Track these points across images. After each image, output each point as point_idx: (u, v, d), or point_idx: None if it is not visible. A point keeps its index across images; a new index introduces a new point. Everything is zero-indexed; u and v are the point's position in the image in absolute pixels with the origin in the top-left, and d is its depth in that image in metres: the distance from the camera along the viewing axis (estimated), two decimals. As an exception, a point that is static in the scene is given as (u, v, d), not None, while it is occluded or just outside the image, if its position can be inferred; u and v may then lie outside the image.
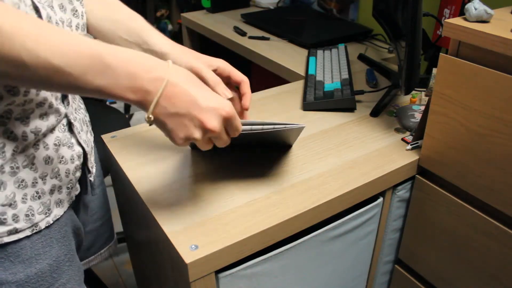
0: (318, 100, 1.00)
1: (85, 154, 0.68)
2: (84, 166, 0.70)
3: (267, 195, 0.73)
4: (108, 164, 0.92)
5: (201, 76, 0.69)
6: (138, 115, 2.18)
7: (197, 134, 0.53)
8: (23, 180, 0.56)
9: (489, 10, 0.68)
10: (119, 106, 2.26)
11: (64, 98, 0.63)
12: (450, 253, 0.86)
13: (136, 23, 0.72)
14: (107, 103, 2.19)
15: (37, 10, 0.54)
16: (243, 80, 0.74)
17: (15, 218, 0.56)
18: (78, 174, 0.66)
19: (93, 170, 0.73)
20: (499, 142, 0.69)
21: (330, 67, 1.15)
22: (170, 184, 0.76)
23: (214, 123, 0.53)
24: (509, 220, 0.74)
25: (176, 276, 0.70)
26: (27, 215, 0.58)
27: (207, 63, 0.72)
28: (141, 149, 0.86)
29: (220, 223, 0.67)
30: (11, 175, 0.55)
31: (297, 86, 1.13)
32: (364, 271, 0.96)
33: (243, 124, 0.64)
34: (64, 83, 0.46)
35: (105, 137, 0.90)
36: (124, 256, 1.64)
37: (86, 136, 0.70)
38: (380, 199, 0.85)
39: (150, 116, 0.51)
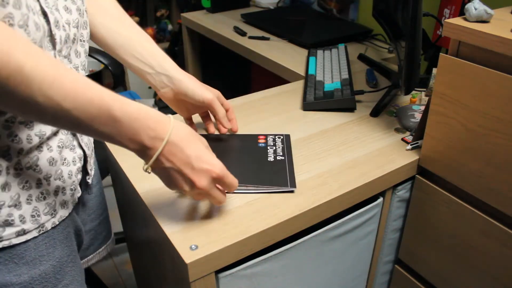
0: (318, 100, 1.00)
1: (85, 156, 0.69)
2: (84, 168, 0.70)
3: (267, 195, 0.73)
4: (108, 164, 0.92)
5: (213, 108, 0.79)
6: (138, 115, 2.18)
7: (187, 188, 0.59)
8: (27, 181, 0.57)
9: (489, 10, 0.68)
10: (119, 106, 2.26)
11: None
12: (450, 253, 0.86)
13: (151, 46, 0.76)
14: (107, 103, 2.19)
15: (45, 14, 0.54)
16: (230, 107, 0.85)
17: (22, 219, 0.57)
18: (79, 176, 0.67)
19: (92, 173, 0.73)
20: (499, 142, 0.69)
21: (330, 67, 1.15)
22: (170, 184, 0.76)
23: (203, 183, 0.58)
24: (509, 220, 0.74)
25: (176, 276, 0.70)
26: (33, 216, 0.58)
27: (216, 94, 0.80)
28: (141, 149, 0.85)
29: (220, 223, 0.67)
30: (15, 176, 0.56)
31: (297, 86, 1.13)
32: (364, 271, 0.96)
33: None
34: (70, 124, 0.49)
35: (105, 137, 0.89)
36: (124, 256, 1.64)
37: (88, 138, 0.71)
38: (380, 199, 0.85)
39: (148, 169, 0.57)
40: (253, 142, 0.87)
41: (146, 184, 0.76)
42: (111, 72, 1.59)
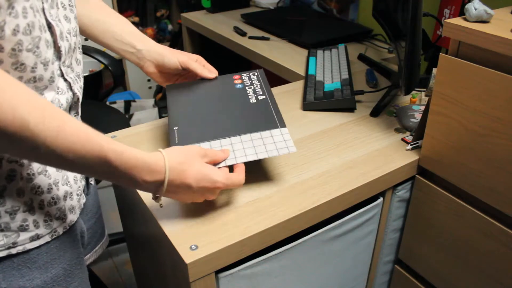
0: (318, 100, 1.00)
1: None
2: None
3: (267, 195, 0.73)
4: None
5: (190, 68, 0.83)
6: (138, 115, 2.18)
7: (199, 201, 0.65)
8: (39, 187, 0.58)
9: (489, 10, 0.68)
10: (119, 106, 2.26)
11: (70, 110, 0.64)
12: (450, 253, 0.86)
13: (129, 27, 0.82)
14: (107, 103, 2.19)
15: (49, 26, 0.55)
16: (206, 62, 0.89)
17: (36, 224, 0.58)
18: (83, 182, 0.69)
19: None
20: (499, 142, 0.69)
21: (330, 67, 1.15)
22: (170, 184, 0.76)
23: (211, 197, 0.65)
24: (509, 220, 0.74)
25: (176, 276, 0.70)
26: (45, 221, 0.59)
27: (189, 57, 0.85)
28: (141, 149, 0.85)
29: (220, 223, 0.67)
30: (28, 182, 0.57)
31: (297, 86, 1.13)
32: (364, 271, 0.96)
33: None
34: (72, 170, 0.52)
35: (105, 137, 0.89)
36: (124, 256, 1.64)
37: None
38: (380, 199, 0.85)
39: (155, 200, 0.62)
40: (230, 84, 0.85)
41: (146, 184, 0.76)
42: (111, 72, 1.59)
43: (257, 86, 0.84)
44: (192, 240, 0.64)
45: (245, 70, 0.91)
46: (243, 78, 0.87)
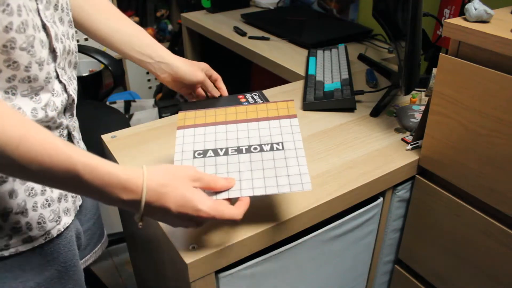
0: (318, 100, 1.00)
1: None
2: None
3: (267, 195, 0.73)
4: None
5: (204, 86, 0.89)
6: (138, 115, 2.18)
7: (181, 226, 0.57)
8: (32, 188, 0.57)
9: (489, 10, 0.68)
10: (119, 106, 2.26)
11: (65, 111, 0.64)
12: (450, 253, 0.86)
13: (148, 38, 0.84)
14: (107, 103, 2.19)
15: (45, 28, 0.55)
16: (218, 77, 0.92)
17: (29, 226, 0.57)
18: None
19: None
20: (499, 142, 0.69)
21: (330, 67, 1.15)
22: (170, 184, 0.76)
23: (193, 226, 0.57)
24: (509, 220, 0.74)
25: (176, 276, 0.70)
26: (39, 223, 0.58)
27: (205, 70, 0.89)
28: (141, 149, 0.86)
29: (220, 223, 0.67)
30: (21, 184, 0.56)
31: (297, 86, 1.13)
32: (364, 271, 0.96)
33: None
34: (40, 183, 0.48)
35: (105, 137, 0.90)
36: (124, 256, 1.64)
37: (84, 145, 0.72)
38: (380, 199, 0.85)
39: (139, 224, 0.54)
40: (236, 101, 0.92)
41: (146, 184, 0.76)
42: (111, 72, 1.59)
43: (259, 102, 0.92)
44: (192, 240, 0.64)
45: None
46: (247, 97, 0.94)
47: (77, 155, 0.46)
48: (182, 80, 0.84)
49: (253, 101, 0.93)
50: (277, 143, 0.67)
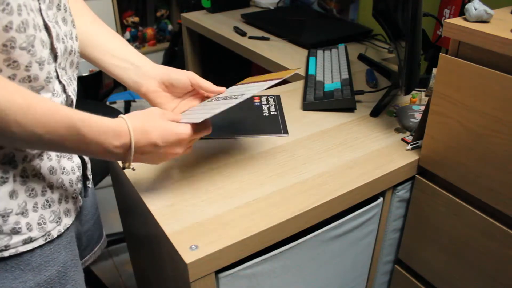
0: (318, 100, 1.00)
1: (84, 163, 0.70)
2: (84, 175, 0.71)
3: (267, 195, 0.73)
4: (108, 165, 0.92)
5: (197, 83, 0.78)
6: (138, 115, 2.18)
7: (170, 158, 0.66)
8: (33, 189, 0.58)
9: (489, 10, 0.68)
10: (119, 106, 2.26)
11: None
12: (450, 253, 0.86)
13: (128, 47, 0.78)
14: (107, 103, 2.19)
15: (47, 28, 0.55)
16: (209, 85, 0.80)
17: (29, 227, 0.57)
18: (80, 185, 0.68)
19: (91, 178, 0.74)
20: (499, 142, 0.69)
21: (330, 67, 1.15)
22: (170, 184, 0.76)
23: (180, 150, 0.65)
24: (509, 220, 0.74)
25: (176, 276, 0.70)
26: (39, 224, 0.59)
27: (186, 75, 0.79)
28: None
29: (220, 223, 0.67)
30: (22, 184, 0.56)
31: (297, 86, 1.13)
32: (364, 271, 0.96)
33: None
34: (44, 146, 0.53)
35: (105, 137, 0.89)
36: (124, 256, 1.64)
37: None
38: (380, 199, 0.85)
39: (129, 166, 0.62)
40: (250, 102, 1.03)
41: (146, 184, 0.76)
42: (111, 72, 1.58)
43: (272, 105, 1.01)
44: (192, 240, 0.64)
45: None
46: (262, 99, 1.04)
47: (73, 113, 0.53)
48: (171, 82, 0.76)
49: (266, 103, 1.02)
50: (241, 95, 0.72)
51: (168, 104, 0.78)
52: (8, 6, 0.48)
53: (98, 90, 2.16)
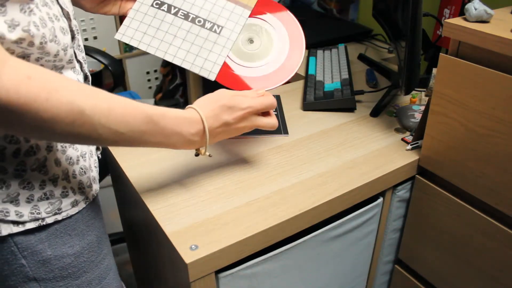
0: (318, 100, 1.00)
1: None
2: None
3: (267, 195, 0.73)
4: (108, 164, 0.92)
5: None
6: (138, 115, 2.18)
7: (246, 130, 0.70)
8: (71, 158, 0.62)
9: (489, 10, 0.68)
10: (119, 106, 2.26)
11: None
12: (450, 253, 0.86)
13: None
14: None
15: (64, 14, 0.59)
16: None
17: (73, 191, 0.62)
18: (96, 156, 0.72)
19: (101, 148, 0.78)
20: (499, 142, 0.69)
21: (330, 67, 1.15)
22: (170, 184, 0.76)
23: (250, 125, 0.69)
24: (509, 220, 0.74)
25: (176, 276, 0.70)
26: (79, 188, 0.64)
27: None
28: (141, 149, 0.86)
29: (220, 223, 0.67)
30: (62, 153, 0.61)
31: (297, 86, 1.13)
32: (364, 271, 0.96)
33: None
34: (127, 143, 0.57)
35: (105, 137, 0.89)
36: (124, 256, 1.63)
37: None
38: (380, 199, 0.85)
39: (206, 152, 0.67)
40: None
41: (146, 184, 0.76)
42: (111, 72, 1.59)
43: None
44: (192, 240, 0.64)
45: None
46: None
47: (150, 109, 0.58)
48: None
49: None
50: (218, 26, 0.75)
51: (112, 8, 0.80)
52: (29, 8, 0.51)
53: (98, 90, 2.16)
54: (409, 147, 0.86)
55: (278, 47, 0.79)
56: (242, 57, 0.75)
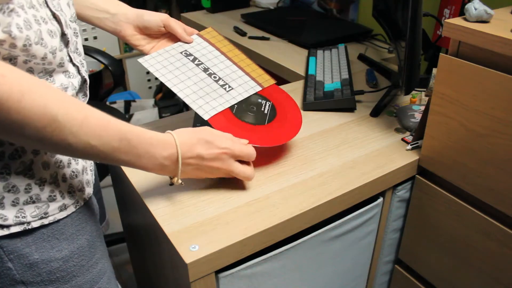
0: (318, 100, 1.00)
1: None
2: None
3: (267, 195, 0.73)
4: (108, 164, 0.92)
5: (170, 25, 0.85)
6: (138, 115, 2.18)
7: (215, 175, 0.70)
8: (61, 161, 0.61)
9: (489, 10, 0.68)
10: (119, 106, 2.26)
11: (77, 92, 0.66)
12: (450, 253, 0.86)
13: None
14: (107, 103, 2.19)
15: (55, 17, 0.58)
16: (181, 32, 0.87)
17: (62, 195, 0.61)
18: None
19: None
20: (499, 142, 0.69)
21: (330, 67, 1.15)
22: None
23: (221, 165, 0.68)
24: (509, 220, 0.74)
25: (176, 276, 0.70)
26: (69, 192, 0.63)
27: (159, 17, 0.86)
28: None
29: (220, 223, 0.67)
30: (51, 156, 0.60)
31: (297, 86, 1.13)
32: (364, 271, 0.96)
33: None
34: (97, 157, 0.56)
35: (105, 137, 0.89)
36: (124, 256, 1.64)
37: None
38: (380, 199, 0.85)
39: (178, 181, 0.66)
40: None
41: (146, 184, 0.76)
42: (111, 72, 1.59)
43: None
44: (192, 240, 0.64)
45: None
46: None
47: (124, 126, 0.57)
48: (144, 25, 0.82)
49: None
50: (229, 86, 0.83)
51: (146, 46, 0.86)
52: (8, 8, 0.49)
53: (98, 90, 2.16)
54: (409, 147, 0.86)
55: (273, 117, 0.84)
56: (240, 116, 0.80)
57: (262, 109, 0.83)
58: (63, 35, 0.60)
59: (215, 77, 0.83)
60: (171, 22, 0.85)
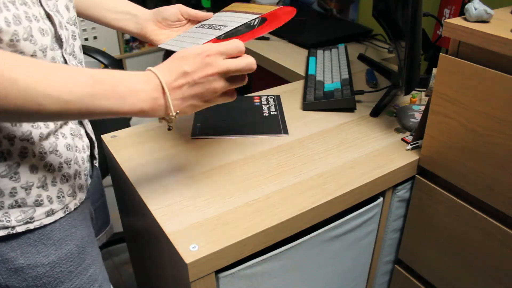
0: (318, 100, 1.00)
1: (92, 142, 0.73)
2: (91, 154, 0.74)
3: (267, 195, 0.73)
4: (108, 164, 0.92)
5: (187, 11, 0.84)
6: (138, 115, 2.18)
7: (214, 101, 0.60)
8: (51, 165, 0.60)
9: (489, 10, 0.68)
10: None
11: None
12: (450, 253, 0.86)
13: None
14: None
15: (49, 17, 0.58)
16: (197, 12, 0.87)
17: (50, 200, 0.60)
18: (89, 164, 0.70)
19: (97, 157, 0.77)
20: (499, 142, 0.69)
21: (330, 67, 1.15)
22: (170, 184, 0.76)
23: (212, 72, 0.57)
24: (509, 220, 0.74)
25: (176, 276, 0.70)
26: (58, 197, 0.61)
27: (176, 7, 0.84)
28: (141, 149, 0.86)
29: (220, 223, 0.67)
30: (41, 160, 0.59)
31: (297, 86, 1.13)
32: (364, 271, 0.96)
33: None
34: (77, 112, 0.50)
35: (105, 137, 0.90)
36: (124, 256, 1.64)
37: (90, 127, 0.75)
38: (380, 199, 0.85)
39: (175, 115, 0.56)
40: (250, 102, 1.04)
41: (146, 184, 0.76)
42: (111, 72, 1.58)
43: (272, 105, 1.02)
44: (192, 240, 0.64)
45: None
46: (262, 98, 1.05)
47: (94, 71, 0.51)
48: (164, 17, 0.81)
49: (266, 103, 1.03)
50: (224, 26, 0.76)
51: (168, 38, 0.82)
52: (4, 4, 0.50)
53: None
54: (409, 147, 0.86)
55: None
56: (226, 37, 0.73)
57: (251, 24, 0.76)
58: (57, 36, 0.59)
59: (212, 26, 0.78)
60: (187, 8, 0.85)
